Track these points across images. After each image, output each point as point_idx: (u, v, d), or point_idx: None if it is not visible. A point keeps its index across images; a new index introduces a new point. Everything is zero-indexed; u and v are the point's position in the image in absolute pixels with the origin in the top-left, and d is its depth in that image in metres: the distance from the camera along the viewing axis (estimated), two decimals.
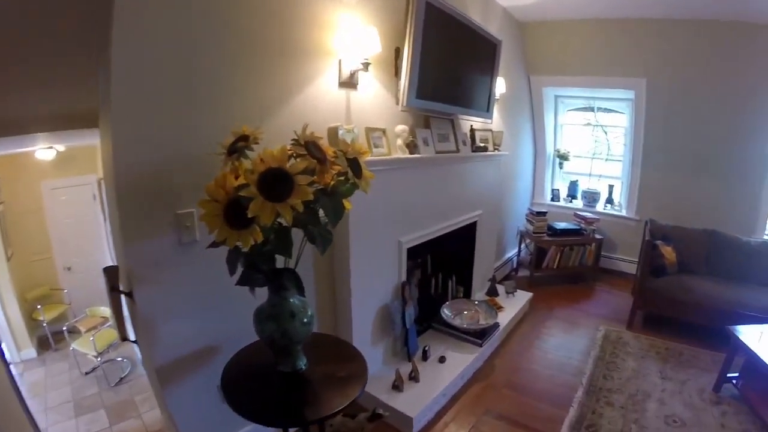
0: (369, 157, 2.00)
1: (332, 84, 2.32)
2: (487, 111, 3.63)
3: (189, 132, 1.77)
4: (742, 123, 4.78)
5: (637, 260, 4.98)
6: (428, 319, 3.50)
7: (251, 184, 1.25)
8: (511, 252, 5.25)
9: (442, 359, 3.04)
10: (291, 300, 1.53)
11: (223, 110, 1.86)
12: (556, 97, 5.55)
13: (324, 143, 1.47)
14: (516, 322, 3.99)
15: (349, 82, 2.38)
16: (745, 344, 3.08)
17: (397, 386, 2.68)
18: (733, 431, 2.85)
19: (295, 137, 1.42)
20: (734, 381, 3.24)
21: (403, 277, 2.97)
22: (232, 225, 1.30)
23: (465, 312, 3.56)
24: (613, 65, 4.93)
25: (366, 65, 2.30)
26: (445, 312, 3.45)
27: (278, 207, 1.24)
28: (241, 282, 1.45)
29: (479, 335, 3.32)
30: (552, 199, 5.68)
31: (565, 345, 3.76)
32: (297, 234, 1.43)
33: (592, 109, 5.50)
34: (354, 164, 1.49)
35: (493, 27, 3.86)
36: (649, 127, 5.08)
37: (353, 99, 2.47)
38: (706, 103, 4.78)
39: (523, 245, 5.37)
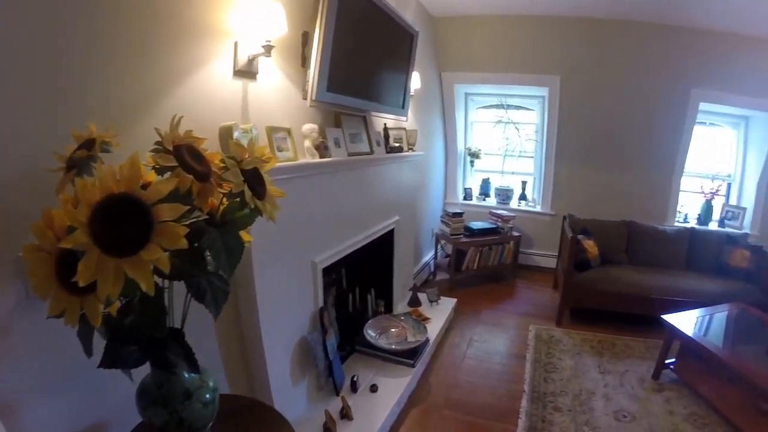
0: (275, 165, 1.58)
1: (226, 72, 1.85)
2: (402, 108, 3.33)
3: (26, 137, 1.20)
4: (651, 118, 5.07)
5: (555, 254, 5.14)
6: (350, 341, 3.13)
7: (78, 226, 0.78)
8: (428, 256, 5.06)
9: (373, 388, 2.70)
10: (184, 374, 1.12)
11: (75, 106, 1.32)
12: (467, 94, 5.49)
13: (210, 149, 1.08)
14: (444, 331, 3.76)
15: (246, 71, 1.93)
16: (681, 331, 3.22)
17: (328, 429, 2.30)
18: (681, 416, 2.93)
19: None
20: (671, 366, 3.37)
21: (321, 303, 2.56)
22: (71, 288, 0.82)
23: (391, 330, 3.24)
24: (528, 63, 4.97)
25: (268, 48, 1.85)
26: (369, 333, 3.11)
27: (127, 266, 0.78)
28: (104, 364, 0.97)
29: (410, 355, 3.02)
30: (465, 198, 5.60)
31: (499, 350, 3.61)
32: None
33: (503, 107, 5.47)
34: (254, 178, 1.10)
35: (407, 18, 3.62)
36: (563, 123, 5.18)
37: (252, 91, 2.01)
38: (618, 100, 5.01)
39: (438, 247, 5.21)
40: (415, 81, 3.63)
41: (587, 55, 4.83)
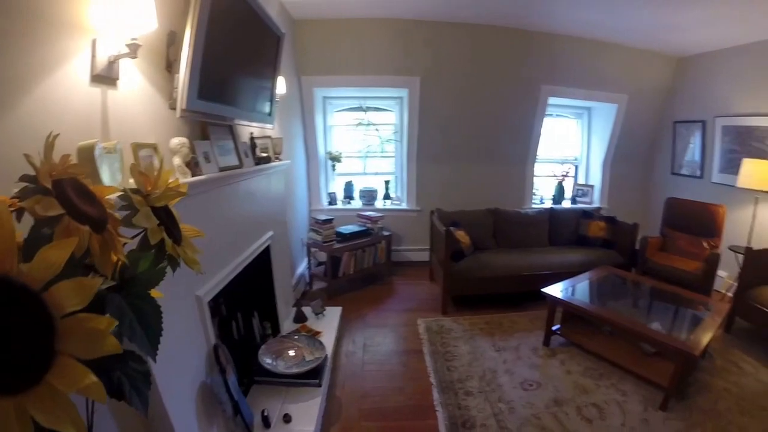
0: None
1: (81, 77, 1.49)
2: (269, 115, 3.10)
3: None
4: (507, 113, 5.57)
5: (426, 248, 5.31)
6: (245, 373, 2.85)
7: None
8: (301, 267, 4.87)
9: (287, 418, 2.48)
10: None
11: None
12: (325, 98, 5.41)
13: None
14: (336, 342, 3.61)
15: (106, 76, 1.58)
16: (561, 299, 3.63)
17: None
18: (578, 373, 3.28)
19: (30, 173, 0.71)
20: (558, 332, 3.75)
21: (213, 340, 2.28)
22: None
23: (287, 352, 3.03)
24: (388, 65, 5.05)
25: (135, 48, 1.55)
26: (266, 360, 2.87)
27: (32, 406, 0.51)
28: None
29: (313, 374, 2.84)
30: (330, 203, 5.51)
31: (395, 350, 3.59)
32: None
33: (362, 109, 5.51)
34: (167, 217, 0.88)
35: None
36: (423, 122, 5.37)
37: (112, 101, 1.65)
38: (476, 97, 5.36)
39: (311, 257, 5.05)
40: (281, 86, 3.44)
41: (446, 57, 5.07)
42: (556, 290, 3.75)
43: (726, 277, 5.01)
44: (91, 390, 0.54)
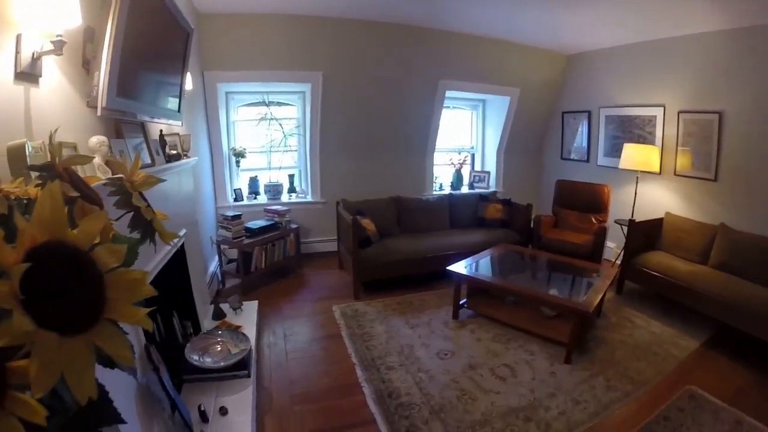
0: None
1: (6, 74, 1.45)
2: (179, 111, 3.05)
3: None
4: (407, 106, 5.89)
5: (334, 238, 5.45)
6: (173, 373, 2.85)
7: (11, 307, 0.52)
8: (212, 265, 4.81)
9: (223, 411, 2.52)
10: None
11: None
12: (227, 93, 5.34)
13: None
14: (257, 335, 3.66)
15: (30, 73, 1.53)
16: (466, 275, 4.03)
17: None
18: (487, 340, 3.65)
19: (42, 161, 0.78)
20: (465, 305, 4.11)
21: (143, 339, 2.26)
22: None
23: (213, 348, 3.06)
24: (291, 60, 5.07)
25: (60, 45, 1.50)
26: (193, 357, 2.88)
27: (96, 339, 0.61)
28: None
29: (242, 366, 2.91)
30: (236, 200, 5.46)
31: (315, 337, 3.73)
32: None
33: (265, 104, 5.48)
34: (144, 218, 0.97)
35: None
36: (326, 115, 5.49)
37: (35, 99, 1.60)
38: (378, 91, 5.59)
39: (222, 254, 4.98)
40: (188, 82, 3.39)
41: (349, 52, 5.21)
42: (460, 268, 4.10)
43: (614, 247, 5.76)
44: (142, 321, 0.67)
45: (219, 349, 3.05)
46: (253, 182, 5.62)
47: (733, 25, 4.55)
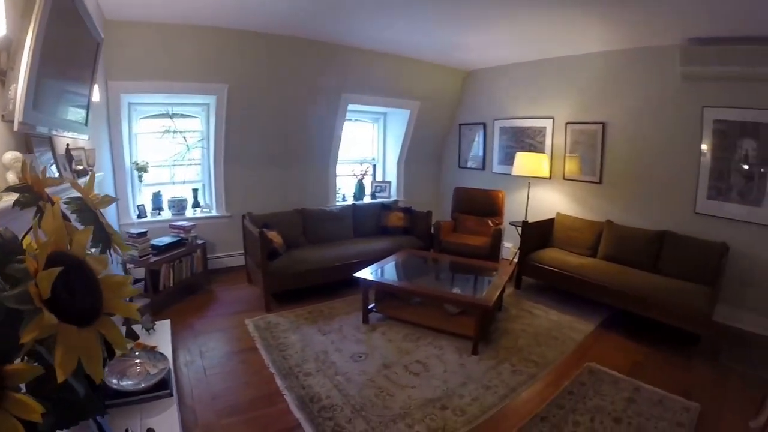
0: None
1: None
2: (86, 125, 3.01)
3: None
4: (311, 119, 6.10)
5: (241, 252, 5.52)
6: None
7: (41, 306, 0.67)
8: None
9: None
10: None
11: None
12: (130, 104, 5.18)
13: None
14: (173, 354, 3.65)
15: None
16: (373, 281, 4.31)
17: None
18: (398, 340, 3.97)
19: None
20: (374, 309, 4.40)
21: None
22: None
23: (131, 370, 3.04)
24: (197, 71, 5.07)
25: None
26: (112, 381, 2.85)
27: (87, 336, 0.74)
28: None
29: (163, 385, 2.92)
30: (139, 216, 5.30)
31: (231, 351, 3.79)
32: None
33: (168, 116, 5.41)
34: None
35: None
36: (230, 129, 5.54)
37: None
38: (283, 104, 5.73)
39: (127, 273, 4.85)
40: (95, 94, 3.35)
41: (254, 65, 5.29)
42: (366, 274, 4.38)
43: (511, 246, 6.32)
44: (134, 314, 0.84)
45: (138, 370, 3.03)
46: (157, 197, 5.49)
47: (613, 47, 5.34)
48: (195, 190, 5.78)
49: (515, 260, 5.64)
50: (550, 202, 6.20)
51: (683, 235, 4.78)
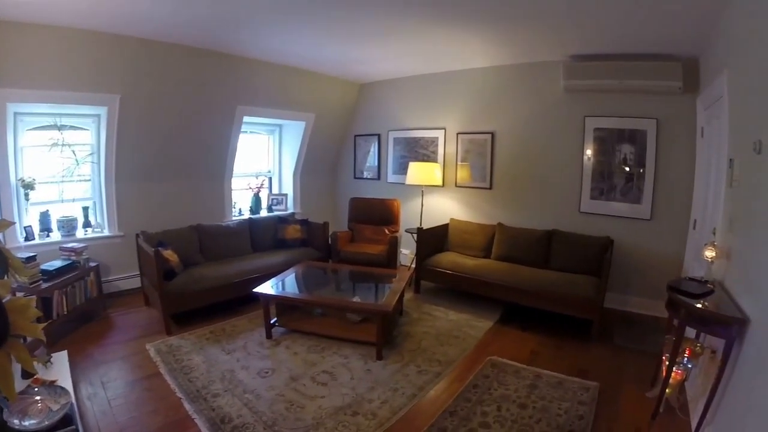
0: None
1: None
2: None
3: None
4: (206, 132, 6.09)
5: (137, 273, 5.44)
6: None
7: None
8: None
9: None
10: None
11: None
12: (16, 114, 4.80)
13: None
14: (74, 387, 3.53)
15: None
16: (272, 295, 4.48)
17: None
18: (303, 352, 4.17)
19: None
20: (276, 324, 4.56)
21: None
22: None
23: (32, 408, 2.96)
24: (88, 80, 4.86)
25: None
26: (14, 422, 2.74)
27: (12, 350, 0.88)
28: None
29: (68, 421, 2.84)
30: (26, 239, 4.96)
31: (135, 379, 3.71)
32: None
33: (57, 127, 5.11)
34: None
35: None
36: (122, 142, 5.39)
37: None
38: (177, 117, 5.68)
39: None
40: None
41: (147, 75, 5.20)
42: (266, 288, 4.55)
43: (409, 253, 6.73)
44: (39, 334, 0.96)
45: (39, 407, 2.94)
46: (45, 217, 5.18)
47: (501, 62, 5.94)
48: (85, 209, 5.54)
49: (413, 266, 6.03)
50: (444, 208, 6.70)
51: (570, 232, 5.44)
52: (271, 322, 4.51)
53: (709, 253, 3.40)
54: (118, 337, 4.55)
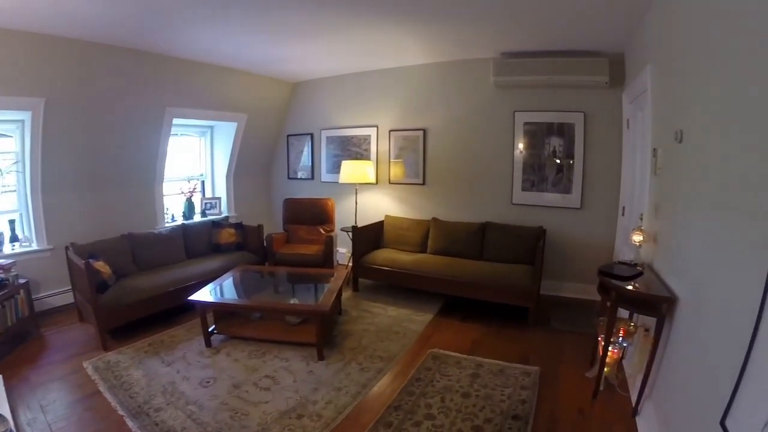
0: None
1: None
2: None
3: None
4: (135, 136, 5.97)
5: (69, 288, 5.32)
6: None
7: None
8: None
9: None
10: None
11: None
12: None
13: None
14: (11, 414, 3.38)
15: None
16: (208, 302, 4.50)
17: None
18: (244, 358, 4.23)
19: None
20: (215, 331, 4.59)
21: None
22: None
23: None
24: (9, 82, 4.67)
25: None
26: None
27: None
28: None
29: None
30: None
31: (75, 399, 3.65)
32: None
33: None
34: None
35: None
36: (48, 148, 5.23)
37: None
38: (106, 121, 5.56)
39: None
40: None
41: (74, 77, 5.06)
42: (202, 296, 4.55)
43: (346, 251, 6.92)
44: None
45: None
46: None
47: (433, 59, 6.19)
48: (12, 222, 5.35)
49: (350, 264, 6.20)
50: (379, 205, 6.93)
51: (503, 224, 5.75)
52: (210, 329, 4.53)
53: (637, 238, 3.73)
54: (54, 356, 4.45)
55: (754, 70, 1.86)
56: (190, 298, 4.51)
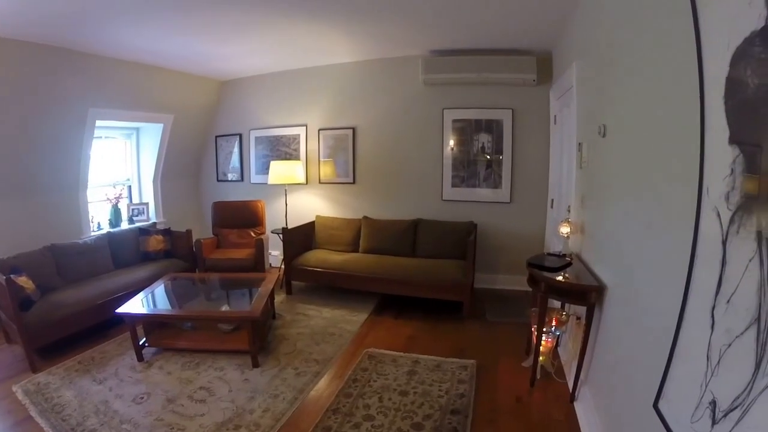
0: None
1: None
2: None
3: None
4: (54, 139, 5.67)
5: None
6: None
7: None
8: None
9: None
10: None
11: None
12: None
13: None
14: None
15: None
16: (137, 314, 4.42)
17: None
18: (178, 370, 4.23)
19: None
20: (147, 344, 4.50)
21: None
22: None
23: None
24: None
25: None
26: None
27: None
28: None
29: None
30: None
31: (6, 427, 3.51)
32: None
33: None
34: None
35: None
36: None
37: None
38: (15, 123, 5.24)
39: None
40: None
41: None
42: (131, 307, 4.45)
43: (278, 254, 6.94)
44: None
45: None
46: None
47: (363, 57, 6.31)
48: None
49: (282, 266, 6.26)
50: (309, 206, 7.05)
51: (434, 220, 5.96)
52: (141, 342, 4.44)
53: (565, 229, 3.98)
54: None
55: (666, 66, 2.05)
56: (117, 310, 4.40)
